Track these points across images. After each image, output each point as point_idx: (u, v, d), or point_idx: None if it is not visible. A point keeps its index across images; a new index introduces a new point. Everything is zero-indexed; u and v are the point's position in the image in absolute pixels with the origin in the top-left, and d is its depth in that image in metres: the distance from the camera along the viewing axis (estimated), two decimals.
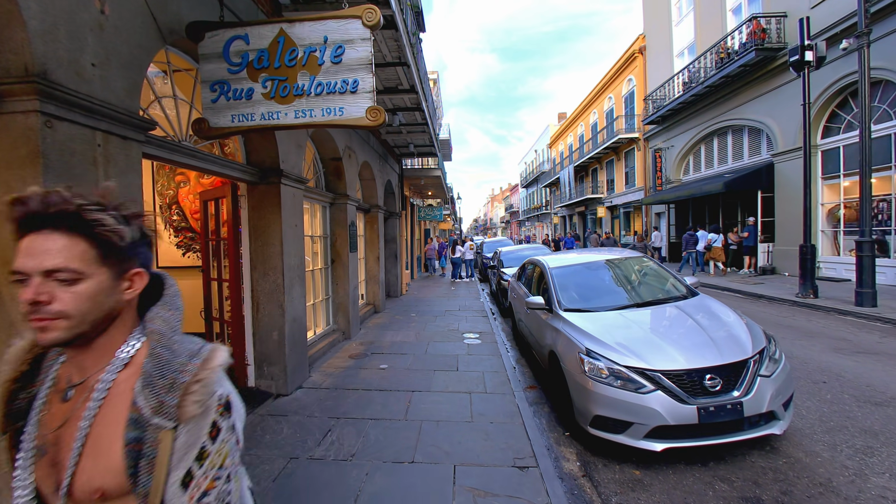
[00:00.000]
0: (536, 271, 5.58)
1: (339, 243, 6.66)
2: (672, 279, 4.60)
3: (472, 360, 5.56)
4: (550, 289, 4.55)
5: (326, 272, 6.61)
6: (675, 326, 3.58)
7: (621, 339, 3.41)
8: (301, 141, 4.80)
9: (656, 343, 3.29)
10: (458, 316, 8.62)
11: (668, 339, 3.33)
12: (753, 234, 13.29)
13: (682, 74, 17.08)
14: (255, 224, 4.29)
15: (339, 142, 6.29)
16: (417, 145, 10.61)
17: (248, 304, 4.35)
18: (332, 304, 6.70)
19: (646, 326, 3.57)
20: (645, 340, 3.35)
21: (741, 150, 14.84)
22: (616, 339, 3.41)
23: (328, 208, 6.61)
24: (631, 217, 23.87)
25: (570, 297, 4.37)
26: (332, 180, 6.62)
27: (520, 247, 11.70)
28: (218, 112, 2.75)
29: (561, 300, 4.32)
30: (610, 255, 5.25)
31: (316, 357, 5.56)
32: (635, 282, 4.67)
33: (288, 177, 4.35)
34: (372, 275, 9.13)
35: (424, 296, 11.77)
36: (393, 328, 7.62)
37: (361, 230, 8.98)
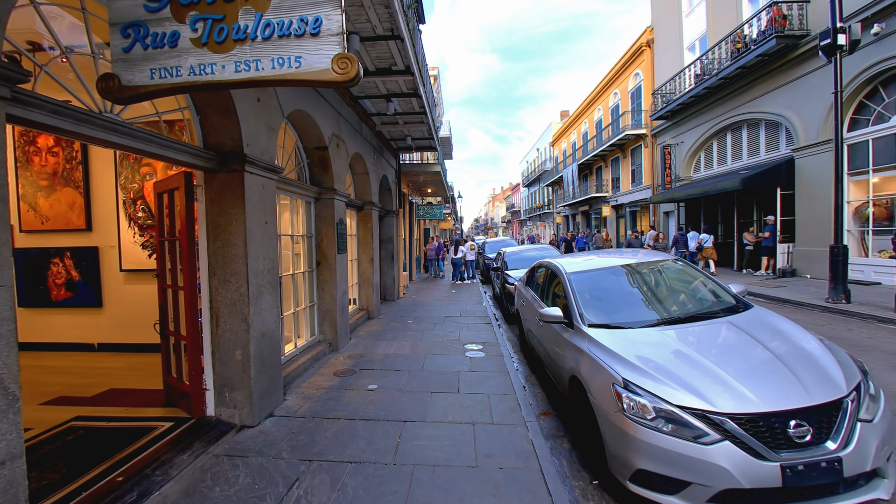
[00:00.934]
0: (549, 276, 4.84)
1: (325, 243, 5.92)
2: (715, 286, 3.85)
3: (475, 379, 4.81)
4: (569, 299, 3.80)
5: (311, 276, 5.87)
6: (737, 351, 2.83)
7: (668, 366, 2.66)
8: (273, 121, 4.05)
9: (716, 374, 2.54)
10: (459, 323, 7.88)
11: (732, 368, 2.58)
12: (773, 233, 12.54)
13: (693, 67, 16.32)
14: (213, 221, 3.54)
15: (325, 128, 5.55)
16: (415, 138, 9.87)
17: (205, 317, 3.61)
18: (318, 311, 5.95)
19: (697, 350, 2.82)
20: (700, 370, 2.60)
21: (757, 145, 14.08)
22: (661, 366, 2.66)
23: (313, 204, 5.87)
24: (637, 216, 23.10)
25: (594, 310, 3.61)
26: (318, 172, 5.87)
27: (525, 247, 10.95)
28: (133, 66, 2.02)
29: (583, 313, 3.57)
30: (635, 257, 4.50)
31: (295, 375, 4.82)
32: (671, 290, 3.92)
33: (254, 163, 3.61)
34: (365, 278, 8.39)
35: (423, 299, 11.03)
36: (387, 337, 6.87)
37: (353, 229, 8.23)
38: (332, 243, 5.92)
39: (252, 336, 3.59)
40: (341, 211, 6.22)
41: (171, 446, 3.17)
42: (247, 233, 3.52)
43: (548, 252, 10.04)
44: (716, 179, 14.53)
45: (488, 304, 10.22)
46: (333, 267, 5.92)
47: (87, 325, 5.96)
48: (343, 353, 5.97)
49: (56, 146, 5.91)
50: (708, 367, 2.60)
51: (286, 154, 5.30)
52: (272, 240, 3.97)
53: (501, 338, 6.83)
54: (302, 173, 5.75)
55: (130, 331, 5.77)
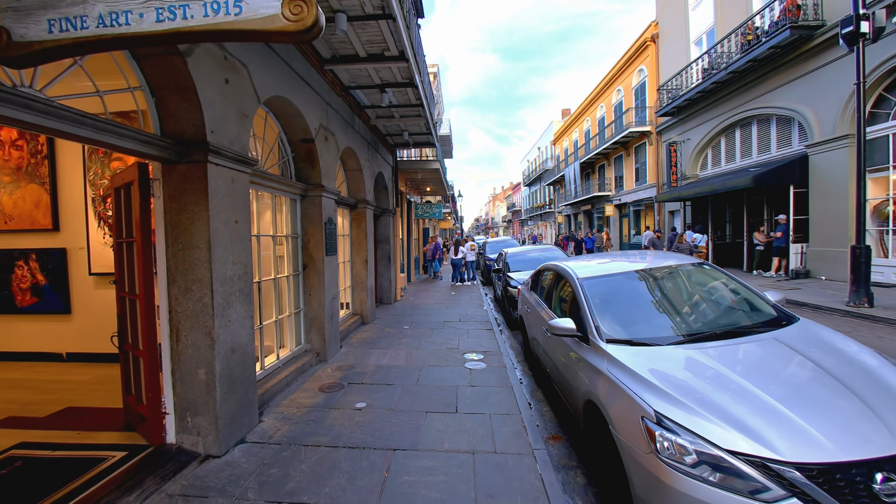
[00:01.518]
0: (557, 281, 4.36)
1: (312, 245, 5.44)
2: (749, 294, 3.36)
3: (475, 395, 4.33)
4: (583, 309, 3.32)
5: (297, 280, 5.40)
6: (793, 377, 2.34)
7: (711, 397, 2.18)
8: (246, 107, 3.57)
9: (772, 408, 2.06)
10: (458, 329, 7.40)
11: (791, 400, 2.09)
12: (786, 233, 12.04)
13: (700, 61, 15.83)
14: (172, 220, 3.07)
15: (311, 119, 5.07)
16: (413, 133, 9.39)
17: (164, 331, 3.13)
18: (304, 319, 5.48)
19: (743, 375, 2.33)
20: (751, 402, 2.12)
21: (768, 141, 13.58)
22: (703, 396, 2.19)
23: (299, 202, 5.39)
24: (641, 215, 22.61)
25: (612, 322, 3.13)
26: (304, 168, 5.39)
27: (527, 248, 10.46)
28: (26, 16, 1.55)
29: (600, 326, 3.08)
30: (654, 260, 4.01)
31: (275, 391, 4.34)
32: (700, 299, 3.43)
33: (220, 154, 3.13)
34: (359, 280, 7.91)
35: (421, 302, 10.55)
36: (381, 345, 6.39)
37: (346, 229, 7.76)
38: (320, 244, 5.44)
39: (218, 352, 3.11)
40: (330, 209, 5.74)
41: (118, 484, 2.70)
42: (211, 233, 3.05)
43: (552, 253, 9.56)
44: (725, 177, 14.03)
45: (489, 307, 9.74)
46: (321, 270, 5.44)
47: (54, 334, 5.50)
48: (332, 363, 5.49)
49: (20, 139, 5.44)
50: (761, 399, 2.12)
51: (267, 147, 4.83)
52: (245, 241, 3.50)
53: (503, 345, 6.35)
54: (286, 168, 5.28)
55: (101, 340, 5.28)
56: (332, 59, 5.48)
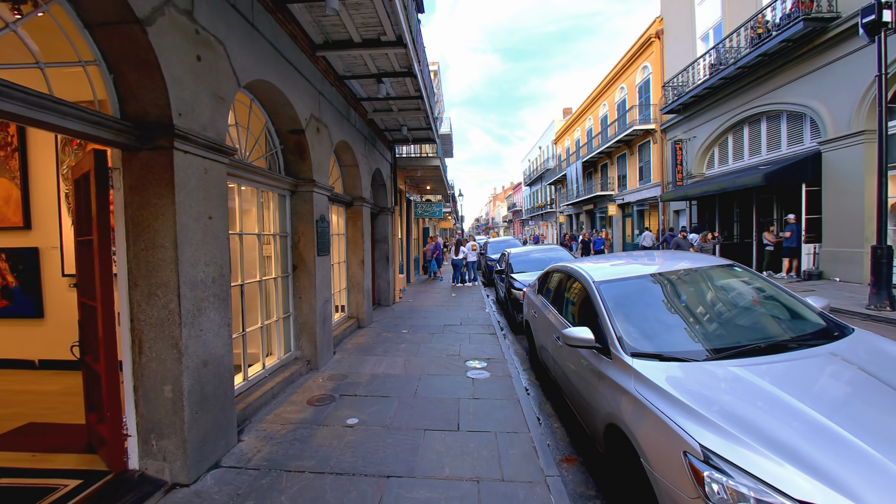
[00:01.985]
0: (568, 285, 3.97)
1: (302, 244, 5.06)
2: (790, 299, 2.97)
3: (479, 409, 3.95)
4: (602, 316, 2.93)
5: (286, 283, 5.01)
6: (866, 402, 1.95)
7: (769, 427, 1.79)
8: (223, 89, 3.19)
9: (849, 443, 1.67)
10: (459, 333, 7.01)
11: (873, 434, 1.70)
12: (796, 233, 11.65)
13: (707, 57, 15.44)
14: (134, 215, 2.68)
15: (301, 108, 4.69)
16: (412, 128, 9.00)
17: (125, 341, 2.75)
18: (294, 324, 5.09)
19: (804, 399, 1.94)
20: (822, 435, 1.73)
21: (778, 138, 13.19)
22: (759, 427, 1.80)
23: (288, 198, 5.01)
24: (645, 215, 22.22)
25: (637, 333, 2.75)
26: (294, 161, 5.01)
27: (531, 248, 10.06)
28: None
29: (623, 337, 2.70)
30: (677, 262, 3.62)
31: (259, 404, 3.96)
32: (734, 306, 3.04)
33: (190, 140, 2.74)
34: (355, 282, 7.53)
35: (421, 304, 10.16)
36: (377, 351, 6.00)
37: (341, 228, 7.37)
38: (311, 244, 5.05)
39: (186, 366, 2.72)
40: (322, 206, 5.35)
41: None
42: (178, 230, 2.66)
43: (557, 253, 9.17)
44: (734, 175, 13.64)
45: (491, 309, 9.35)
46: (312, 272, 5.06)
47: (25, 339, 5.11)
48: (324, 372, 5.10)
49: None
50: (833, 432, 1.73)
51: (252, 137, 4.44)
52: (220, 240, 3.11)
53: (508, 351, 5.96)
54: (274, 161, 4.89)
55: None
56: (324, 44, 5.10)
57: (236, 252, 4.03)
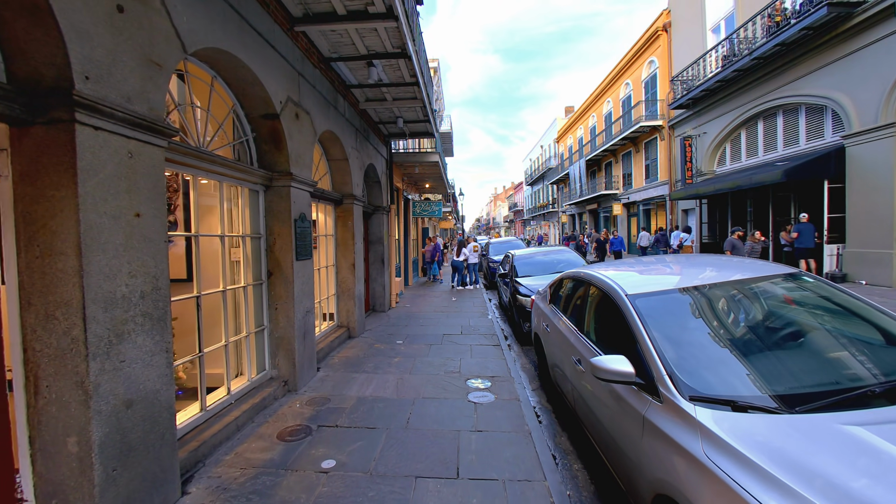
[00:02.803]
0: (592, 297, 3.29)
1: (278, 247, 4.39)
2: (888, 320, 2.30)
3: (482, 446, 3.28)
4: (642, 342, 2.26)
5: (259, 291, 4.34)
6: None
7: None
8: (158, 53, 2.52)
9: None
10: (459, 344, 6.34)
11: None
12: (808, 233, 10.94)
13: (718, 49, 14.76)
14: (26, 211, 2.02)
15: (274, 89, 4.02)
16: (408, 121, 8.34)
17: (17, 378, 2.08)
18: (269, 339, 4.42)
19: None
20: None
21: (796, 133, 12.50)
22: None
23: (262, 194, 4.34)
24: (652, 214, 21.54)
25: (693, 366, 2.08)
26: (268, 151, 4.34)
27: (536, 250, 9.37)
28: None
29: (676, 373, 2.03)
30: (728, 270, 2.95)
31: (217, 442, 3.29)
32: (821, 331, 2.36)
33: (101, 111, 2.08)
34: (345, 288, 6.86)
35: (419, 310, 9.49)
36: (367, 367, 5.33)
37: (329, 228, 6.71)
38: (289, 246, 4.39)
39: (97, 411, 2.06)
40: (303, 203, 4.69)
41: None
42: (83, 232, 2.00)
43: (565, 256, 8.49)
44: (749, 172, 12.95)
45: (494, 316, 8.68)
46: (290, 279, 4.39)
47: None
48: (303, 394, 4.43)
49: None
50: None
51: (214, 121, 3.77)
52: (154, 245, 2.45)
53: (514, 366, 5.29)
54: (245, 151, 4.22)
55: None
56: (304, 17, 4.44)
57: (180, 258, 3.36)
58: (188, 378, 4.07)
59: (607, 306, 2.90)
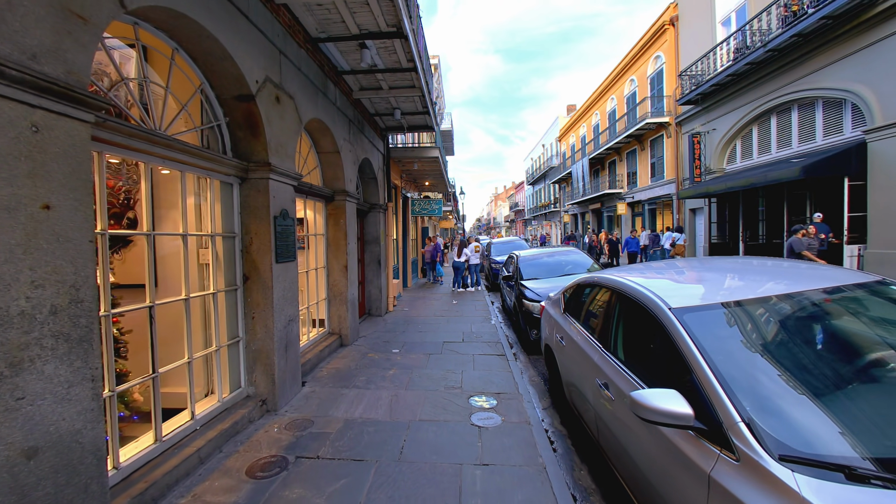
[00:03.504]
0: (621, 309, 2.75)
1: (255, 248, 3.86)
2: None
3: (489, 485, 2.75)
4: (703, 376, 1.73)
5: (234, 298, 3.82)
6: None
7: None
8: (84, 1, 1.99)
9: None
10: (461, 354, 5.81)
11: None
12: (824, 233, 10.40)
13: (729, 42, 14.22)
14: None
15: (249, 66, 3.50)
16: (406, 113, 7.81)
17: None
18: (245, 352, 3.90)
19: None
20: None
21: (812, 129, 11.96)
22: None
23: (236, 187, 3.82)
24: (658, 214, 21.00)
25: (779, 410, 1.55)
26: (243, 138, 3.82)
27: (543, 251, 8.82)
28: None
29: (756, 420, 1.49)
30: (795, 279, 2.41)
31: (173, 480, 2.75)
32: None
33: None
34: (337, 292, 6.33)
35: (417, 314, 8.96)
36: (358, 382, 4.80)
37: (320, 227, 6.18)
38: (267, 247, 3.86)
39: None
40: (285, 198, 4.16)
41: None
42: None
43: (573, 257, 7.95)
44: (763, 169, 12.40)
45: (497, 320, 8.15)
46: (269, 284, 3.86)
47: None
48: (283, 415, 3.91)
49: None
50: None
51: (175, 101, 3.25)
52: (72, 245, 1.92)
53: (521, 380, 4.76)
54: (215, 138, 3.70)
55: None
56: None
57: (141, 261, 2.84)
58: (147, 400, 3.55)
59: (642, 321, 2.37)
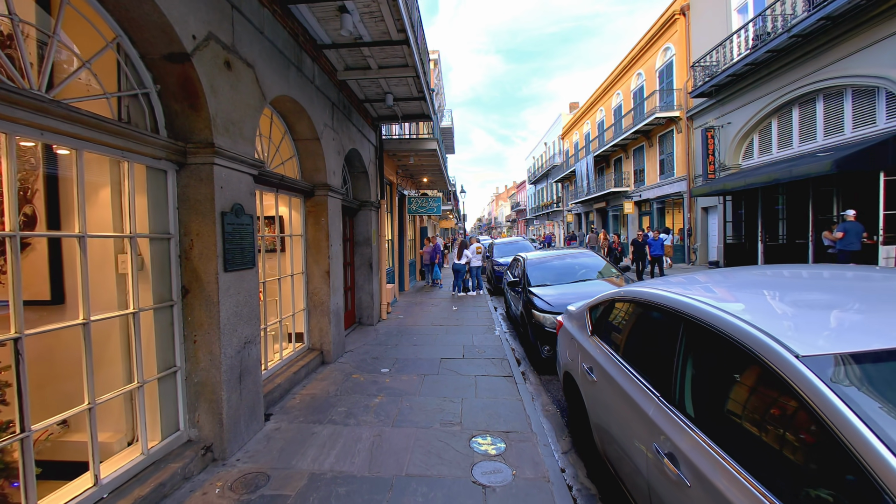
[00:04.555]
0: (683, 337, 1.92)
1: (197, 253, 3.02)
2: None
3: None
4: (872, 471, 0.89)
5: (169, 317, 2.98)
6: None
7: None
8: None
9: None
10: (461, 374, 4.97)
11: None
12: (854, 233, 9.51)
13: (747, 29, 13.35)
14: None
15: (180, 13, 2.66)
16: (400, 98, 6.96)
17: None
18: (185, 385, 3.06)
19: None
20: None
21: (840, 120, 11.09)
22: None
23: (171, 175, 2.97)
24: (667, 213, 20.14)
25: None
26: (180, 112, 2.97)
27: (552, 253, 7.92)
28: None
29: None
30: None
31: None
32: None
33: None
34: (317, 301, 5.48)
35: (413, 322, 8.12)
36: (336, 414, 3.96)
37: (297, 226, 5.34)
38: (212, 252, 3.02)
39: None
40: (238, 190, 3.32)
41: None
42: None
43: (586, 259, 7.09)
44: (787, 164, 11.52)
45: (502, 329, 7.30)
46: (214, 298, 3.02)
47: None
48: (233, 465, 3.06)
49: None
50: None
51: (72, 56, 2.41)
52: None
53: (534, 411, 3.92)
54: (140, 111, 2.85)
55: None
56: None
57: (53, 270, 2.00)
58: (55, 448, 2.71)
59: (733, 365, 1.53)
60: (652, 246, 12.07)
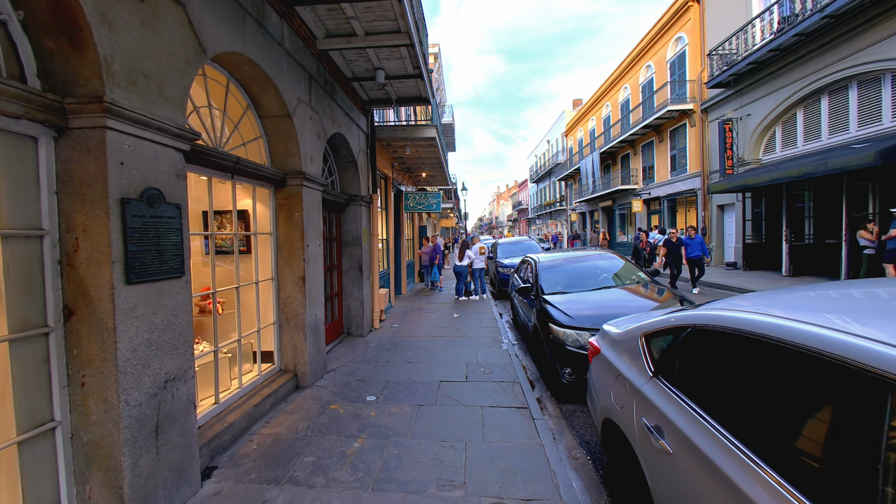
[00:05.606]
0: (839, 401, 0.99)
1: (84, 256, 2.10)
2: None
3: None
4: None
5: (42, 350, 2.05)
6: None
7: None
8: None
9: None
10: (464, 405, 4.04)
11: None
12: None
13: (772, 11, 12.39)
14: None
15: None
16: (393, 76, 6.03)
17: None
18: (71, 446, 2.13)
19: None
20: None
21: (878, 108, 10.14)
22: None
23: (44, 143, 2.05)
24: (678, 211, 19.18)
25: None
26: (57, 53, 2.05)
27: (565, 255, 6.90)
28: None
29: None
30: None
31: None
32: None
33: None
34: (290, 313, 4.55)
35: (409, 332, 7.19)
36: (299, 468, 3.03)
37: (266, 223, 4.41)
38: (105, 256, 2.10)
39: None
40: (153, 168, 2.39)
41: None
42: None
43: (606, 261, 6.14)
44: (818, 157, 10.54)
45: (510, 340, 6.37)
46: (109, 323, 2.10)
47: None
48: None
49: None
50: None
51: None
52: None
53: (559, 462, 3.00)
54: None
55: None
56: None
57: None
58: None
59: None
60: (689, 246, 10.25)
